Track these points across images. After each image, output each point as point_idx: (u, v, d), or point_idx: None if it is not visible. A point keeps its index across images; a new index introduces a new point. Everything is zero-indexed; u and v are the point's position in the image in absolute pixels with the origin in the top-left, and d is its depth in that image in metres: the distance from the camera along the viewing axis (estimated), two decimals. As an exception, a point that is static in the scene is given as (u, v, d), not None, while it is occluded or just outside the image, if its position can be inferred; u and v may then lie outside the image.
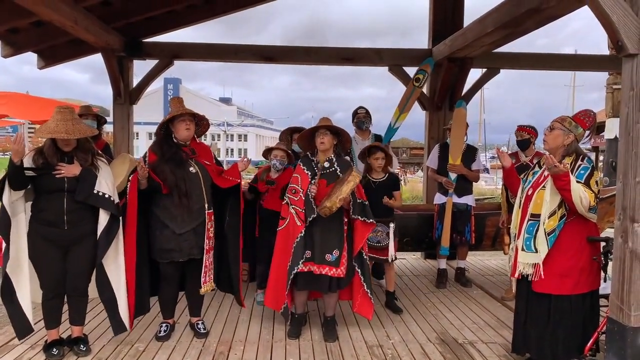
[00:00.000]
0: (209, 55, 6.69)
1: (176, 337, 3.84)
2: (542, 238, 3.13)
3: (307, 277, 3.76)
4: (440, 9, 6.59)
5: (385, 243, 4.40)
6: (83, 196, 3.28)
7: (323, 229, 3.73)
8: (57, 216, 3.26)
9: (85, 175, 3.30)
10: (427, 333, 4.03)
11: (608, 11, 2.78)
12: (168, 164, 3.59)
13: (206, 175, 3.70)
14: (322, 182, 3.78)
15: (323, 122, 3.85)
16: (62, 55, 6.54)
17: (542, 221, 3.13)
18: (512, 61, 6.70)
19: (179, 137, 3.68)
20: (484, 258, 7.08)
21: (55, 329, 3.48)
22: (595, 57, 7.16)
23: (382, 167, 4.46)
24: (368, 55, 6.73)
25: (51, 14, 4.47)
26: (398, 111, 5.69)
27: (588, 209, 3.04)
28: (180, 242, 3.60)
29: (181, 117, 3.66)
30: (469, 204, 5.35)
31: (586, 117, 3.29)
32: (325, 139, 3.78)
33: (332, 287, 3.79)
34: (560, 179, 3.02)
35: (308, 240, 3.73)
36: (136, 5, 5.73)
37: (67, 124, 3.24)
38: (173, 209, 3.58)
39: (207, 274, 3.71)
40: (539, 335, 3.23)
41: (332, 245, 3.73)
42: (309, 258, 3.72)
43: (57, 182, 3.24)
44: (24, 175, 3.18)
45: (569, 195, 3.00)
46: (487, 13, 4.86)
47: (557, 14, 4.17)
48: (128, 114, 6.48)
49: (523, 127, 4.79)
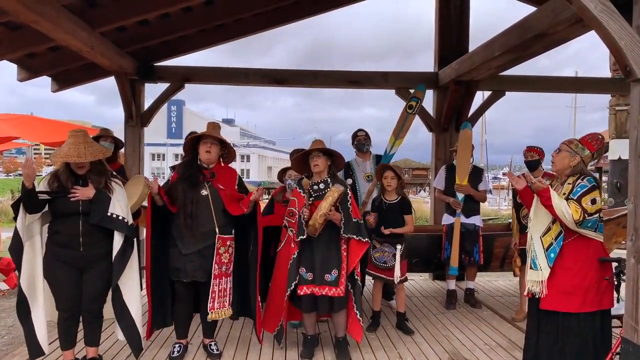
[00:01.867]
0: (220, 78, 6.81)
1: (189, 357, 3.86)
2: (541, 255, 3.22)
3: (310, 299, 3.80)
4: (445, 33, 6.73)
5: (392, 264, 4.41)
6: (97, 219, 3.32)
7: (321, 249, 3.77)
8: (72, 238, 3.31)
9: (99, 198, 3.34)
10: (439, 354, 4.03)
11: (616, 37, 2.86)
12: (181, 184, 3.68)
13: (217, 199, 3.72)
14: (317, 204, 3.78)
15: (315, 144, 3.91)
16: (76, 79, 6.67)
17: (538, 238, 3.25)
18: (518, 84, 6.81)
19: (201, 159, 3.78)
20: (492, 279, 7.08)
21: (71, 349, 3.50)
22: (598, 80, 7.29)
23: (392, 187, 4.50)
24: (375, 78, 6.85)
25: (69, 39, 4.59)
26: (393, 138, 5.73)
27: (575, 224, 3.10)
28: (185, 263, 3.65)
29: (204, 139, 3.75)
30: (477, 224, 5.38)
31: (593, 140, 3.36)
32: (318, 161, 3.84)
33: (334, 307, 3.83)
34: (541, 195, 3.19)
35: (307, 262, 3.78)
36: (150, 30, 5.86)
37: (79, 147, 3.30)
38: (181, 229, 3.65)
39: (215, 300, 3.68)
40: (549, 354, 3.25)
41: (331, 265, 3.77)
42: (310, 280, 3.76)
43: (72, 205, 3.29)
44: (37, 199, 3.22)
45: (552, 210, 3.15)
46: (495, 37, 4.97)
47: (565, 38, 4.27)
48: (139, 137, 6.57)
49: (532, 147, 4.83)
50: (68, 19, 4.41)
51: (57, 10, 4.21)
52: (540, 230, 3.27)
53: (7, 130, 6.95)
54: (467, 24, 6.74)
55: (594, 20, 2.88)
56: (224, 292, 3.74)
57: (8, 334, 5.16)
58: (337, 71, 6.90)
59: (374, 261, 4.46)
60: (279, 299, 3.93)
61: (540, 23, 4.16)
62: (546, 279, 3.20)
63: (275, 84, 6.80)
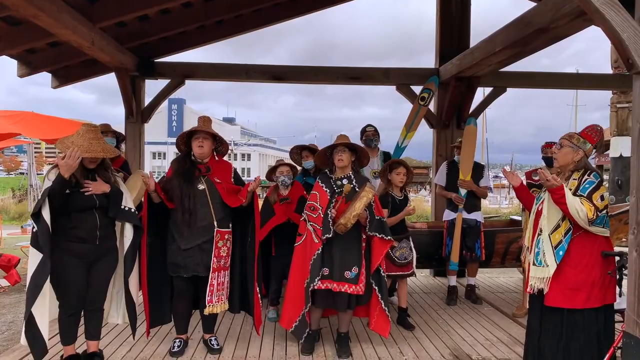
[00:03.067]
0: (220, 75, 6.78)
1: (190, 352, 3.85)
2: (549, 252, 3.17)
3: (325, 295, 3.75)
4: (446, 29, 6.72)
5: (411, 257, 4.51)
6: (114, 212, 3.37)
7: (342, 246, 3.73)
8: (90, 233, 3.31)
9: (115, 192, 3.39)
10: (440, 349, 4.02)
11: (618, 29, 2.84)
12: (178, 179, 3.67)
13: (214, 193, 3.73)
14: (341, 200, 3.79)
15: (341, 139, 3.90)
16: (76, 75, 6.66)
17: (547, 235, 3.18)
18: (519, 80, 6.81)
19: (194, 154, 3.77)
20: (493, 275, 7.07)
21: (72, 344, 3.49)
22: (599, 76, 7.28)
23: (404, 182, 4.50)
24: (375, 74, 6.84)
25: (69, 34, 4.57)
26: (405, 130, 5.75)
27: (588, 222, 3.07)
28: (185, 258, 3.64)
29: (196, 134, 3.74)
30: (479, 220, 5.38)
31: (593, 132, 3.33)
32: (343, 156, 3.82)
33: (350, 305, 3.80)
34: (555, 192, 3.11)
35: (327, 258, 3.73)
36: (150, 26, 5.86)
37: (100, 143, 3.33)
38: (180, 225, 3.65)
39: (213, 294, 3.69)
40: (553, 350, 3.22)
41: (351, 263, 3.73)
42: (326, 275, 3.71)
43: (87, 200, 3.29)
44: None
45: (565, 209, 3.08)
46: (496, 32, 4.96)
47: (566, 34, 4.25)
48: (140, 133, 6.57)
49: (550, 144, 4.82)
50: (68, 14, 4.40)
51: (57, 5, 4.20)
52: (549, 228, 3.19)
53: (7, 126, 6.94)
54: (468, 21, 6.73)
55: (597, 12, 2.86)
56: (221, 285, 3.75)
57: (8, 329, 5.15)
58: (337, 67, 6.88)
59: (396, 260, 4.44)
60: (299, 294, 3.83)
61: (541, 18, 4.14)
62: (551, 276, 3.17)
63: (275, 81, 6.79)
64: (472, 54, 5.56)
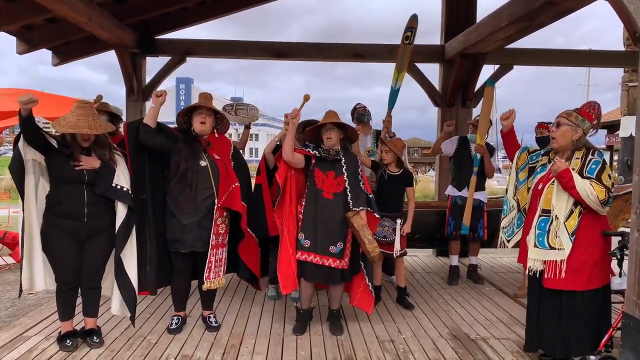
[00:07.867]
0: (220, 51, 6.70)
1: (188, 330, 3.86)
2: (565, 237, 3.05)
3: (311, 268, 3.74)
4: (452, 5, 6.55)
5: (392, 238, 4.40)
6: (102, 189, 3.32)
7: (326, 220, 3.72)
8: (77, 209, 3.29)
9: (104, 169, 3.35)
10: (438, 328, 4.01)
11: (625, 2, 2.74)
12: (184, 151, 3.64)
13: (216, 169, 3.71)
14: (331, 174, 3.76)
15: (329, 116, 3.83)
16: (77, 52, 6.60)
17: (561, 221, 3.06)
18: (525, 57, 6.64)
19: (195, 129, 3.74)
20: (496, 256, 7.03)
21: (69, 320, 3.51)
22: (610, 53, 7.09)
23: (387, 160, 4.47)
24: (379, 51, 6.71)
25: (65, 10, 4.51)
26: (396, 72, 5.64)
27: (601, 204, 2.98)
28: (184, 234, 3.64)
29: (199, 109, 3.69)
30: (482, 200, 5.30)
31: (591, 109, 3.20)
32: (332, 134, 3.78)
33: (335, 279, 3.79)
34: (562, 176, 3.00)
35: (309, 229, 3.73)
36: (150, 1, 5.77)
37: (89, 119, 3.27)
38: (180, 200, 3.63)
39: (211, 270, 3.71)
40: (552, 332, 3.19)
41: (335, 237, 3.72)
42: (308, 248, 3.72)
43: (76, 174, 3.28)
44: (37, 130, 3.16)
45: (575, 193, 2.97)
46: (502, 7, 4.82)
47: (573, 7, 4.13)
48: (141, 111, 6.52)
49: (543, 124, 4.71)
50: (64, -12, 4.33)
51: (52, -21, 4.13)
52: (564, 216, 3.06)
53: (10, 104, 6.91)
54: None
55: (603, -17, 2.75)
56: (219, 262, 3.76)
57: (12, 306, 5.21)
58: (341, 44, 6.75)
59: (374, 236, 4.40)
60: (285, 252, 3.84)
61: (548, -10, 4.01)
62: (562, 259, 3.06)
63: (276, 57, 6.68)
64: (478, 30, 5.43)
